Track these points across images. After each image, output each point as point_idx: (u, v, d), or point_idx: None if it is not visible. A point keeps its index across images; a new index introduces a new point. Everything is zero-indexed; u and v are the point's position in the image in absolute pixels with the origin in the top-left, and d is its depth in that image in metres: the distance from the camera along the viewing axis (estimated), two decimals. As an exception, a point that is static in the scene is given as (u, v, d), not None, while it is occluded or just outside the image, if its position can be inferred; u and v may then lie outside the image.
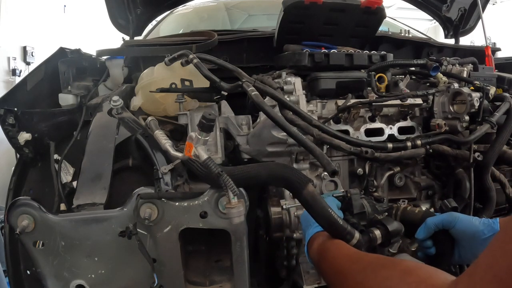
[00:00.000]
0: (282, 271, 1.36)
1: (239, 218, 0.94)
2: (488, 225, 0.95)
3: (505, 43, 4.93)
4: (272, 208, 1.26)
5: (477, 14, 2.36)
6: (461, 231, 0.97)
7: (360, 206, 1.08)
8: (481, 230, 0.94)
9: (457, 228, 0.98)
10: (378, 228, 1.00)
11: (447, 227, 0.99)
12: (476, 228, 0.95)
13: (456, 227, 0.98)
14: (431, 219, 1.01)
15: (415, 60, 1.47)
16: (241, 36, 1.63)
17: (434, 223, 1.00)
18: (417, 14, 3.47)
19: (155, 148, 1.15)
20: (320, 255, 0.94)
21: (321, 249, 0.95)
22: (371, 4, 1.47)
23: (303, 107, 1.25)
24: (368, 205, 1.09)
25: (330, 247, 0.93)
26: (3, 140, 1.30)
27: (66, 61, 1.51)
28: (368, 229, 1.00)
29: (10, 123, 1.26)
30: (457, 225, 0.98)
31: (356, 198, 1.08)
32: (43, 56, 1.56)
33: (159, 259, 1.06)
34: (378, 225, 1.02)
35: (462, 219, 0.98)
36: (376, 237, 0.99)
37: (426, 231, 1.01)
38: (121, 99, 1.21)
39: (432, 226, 1.00)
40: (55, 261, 1.03)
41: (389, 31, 2.03)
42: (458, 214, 1.00)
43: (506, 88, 1.66)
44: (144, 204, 1.02)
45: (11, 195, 1.32)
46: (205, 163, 0.95)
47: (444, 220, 0.99)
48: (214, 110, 1.35)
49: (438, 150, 1.32)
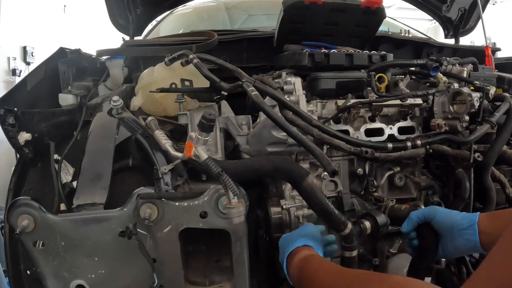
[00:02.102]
0: (282, 271, 1.35)
1: (239, 218, 0.94)
2: (466, 217, 1.00)
3: (505, 43, 4.93)
4: (272, 208, 1.26)
5: (477, 14, 2.36)
6: (441, 222, 1.03)
7: (350, 204, 1.18)
8: (459, 220, 1.00)
9: (437, 219, 1.03)
10: (368, 219, 1.11)
11: (428, 219, 1.05)
12: (454, 219, 1.01)
13: (436, 218, 1.04)
14: (414, 212, 1.08)
15: (415, 60, 1.47)
16: (241, 36, 1.63)
17: (416, 215, 1.07)
18: (417, 14, 3.46)
19: (155, 148, 1.15)
20: (300, 270, 0.93)
21: (302, 264, 0.94)
22: (371, 4, 1.47)
23: (303, 107, 1.25)
24: (358, 204, 1.20)
25: (311, 262, 0.92)
26: (3, 140, 1.30)
27: (66, 61, 1.51)
28: (359, 220, 1.10)
29: (10, 123, 1.26)
30: (437, 216, 1.03)
31: (347, 197, 1.19)
32: (43, 56, 1.56)
33: (159, 259, 1.06)
34: (367, 217, 1.13)
35: (441, 211, 1.04)
36: (366, 227, 1.10)
37: (409, 223, 1.08)
38: (121, 99, 1.21)
39: (415, 219, 1.07)
40: (55, 261, 1.03)
41: (389, 31, 2.03)
42: (438, 207, 1.06)
43: (506, 88, 1.66)
44: (144, 204, 1.02)
45: (11, 195, 1.32)
46: (205, 163, 0.95)
47: (425, 213, 1.06)
48: (214, 110, 1.35)
49: (438, 150, 1.32)
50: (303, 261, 0.95)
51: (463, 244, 0.99)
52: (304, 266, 0.93)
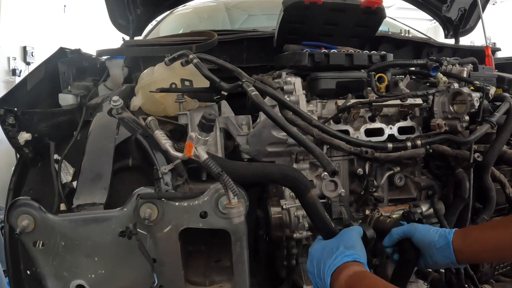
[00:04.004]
0: (282, 271, 1.36)
1: (239, 218, 0.94)
2: (442, 236, 1.05)
3: (505, 43, 4.94)
4: (272, 208, 1.26)
5: (477, 14, 2.36)
6: (420, 240, 1.08)
7: (338, 212, 1.20)
8: (436, 240, 1.05)
9: (416, 237, 1.08)
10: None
11: (409, 236, 1.10)
12: (432, 238, 1.06)
13: (415, 236, 1.08)
14: (395, 229, 1.12)
15: (415, 60, 1.47)
16: (241, 36, 1.63)
17: (397, 233, 1.11)
18: (417, 14, 3.46)
19: (155, 148, 1.15)
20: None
21: (352, 283, 0.87)
22: (371, 4, 1.47)
23: (303, 107, 1.25)
24: (345, 212, 1.22)
25: (363, 280, 0.87)
26: (3, 140, 1.30)
27: (66, 61, 1.51)
28: None
29: (10, 123, 1.26)
30: (416, 234, 1.08)
31: (336, 205, 1.21)
32: (43, 56, 1.56)
33: (159, 259, 1.06)
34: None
35: (420, 229, 1.09)
36: None
37: (390, 239, 1.12)
38: (121, 99, 1.20)
39: (396, 236, 1.11)
40: (55, 261, 1.03)
41: (389, 31, 2.03)
42: (417, 225, 1.11)
43: (506, 88, 1.66)
44: (144, 204, 1.02)
45: (11, 195, 1.32)
46: (205, 163, 0.95)
47: (405, 230, 1.11)
48: (214, 110, 1.35)
49: (438, 150, 1.32)
50: (353, 278, 0.88)
51: (441, 260, 1.05)
52: (354, 285, 0.87)
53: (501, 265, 1.53)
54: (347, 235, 1.01)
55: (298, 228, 1.23)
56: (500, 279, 1.52)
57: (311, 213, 1.05)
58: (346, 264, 0.91)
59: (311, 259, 1.01)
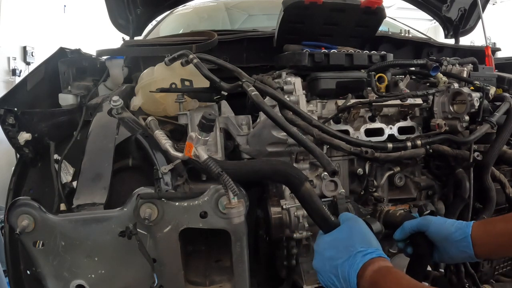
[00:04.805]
0: (282, 271, 1.36)
1: (239, 218, 0.94)
2: (460, 228, 1.00)
3: (505, 43, 4.93)
4: (272, 208, 1.26)
5: (477, 14, 2.36)
6: (435, 233, 1.03)
7: (345, 209, 1.15)
8: (453, 233, 1.00)
9: (431, 231, 1.03)
10: None
11: (422, 230, 1.05)
12: (448, 231, 1.01)
13: (430, 230, 1.03)
14: (407, 222, 1.07)
15: (415, 60, 1.47)
16: (241, 36, 1.63)
17: (410, 226, 1.07)
18: (417, 14, 3.46)
19: (155, 148, 1.16)
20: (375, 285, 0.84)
21: (377, 278, 0.84)
22: (371, 4, 1.47)
23: (303, 107, 1.25)
24: (353, 208, 1.17)
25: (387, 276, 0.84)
26: (3, 140, 1.30)
27: (66, 61, 1.51)
28: None
29: (10, 123, 1.26)
30: (431, 228, 1.03)
31: (342, 202, 1.15)
32: (43, 56, 1.56)
33: (159, 259, 1.06)
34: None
35: (435, 222, 1.03)
36: None
37: (402, 233, 1.08)
38: (121, 99, 1.20)
39: (408, 229, 1.07)
40: (55, 261, 1.03)
41: (389, 31, 2.03)
42: (432, 218, 1.06)
43: (506, 88, 1.66)
44: (144, 204, 1.02)
45: (11, 195, 1.32)
46: (205, 163, 0.95)
47: (419, 224, 1.05)
48: (214, 110, 1.35)
49: (438, 150, 1.32)
50: (378, 274, 0.85)
51: (457, 255, 1.00)
52: (379, 281, 0.84)
53: (501, 265, 1.53)
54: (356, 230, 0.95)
55: (298, 228, 1.23)
56: (500, 279, 1.52)
57: (308, 206, 1.02)
58: (372, 260, 0.87)
59: (321, 259, 0.95)
